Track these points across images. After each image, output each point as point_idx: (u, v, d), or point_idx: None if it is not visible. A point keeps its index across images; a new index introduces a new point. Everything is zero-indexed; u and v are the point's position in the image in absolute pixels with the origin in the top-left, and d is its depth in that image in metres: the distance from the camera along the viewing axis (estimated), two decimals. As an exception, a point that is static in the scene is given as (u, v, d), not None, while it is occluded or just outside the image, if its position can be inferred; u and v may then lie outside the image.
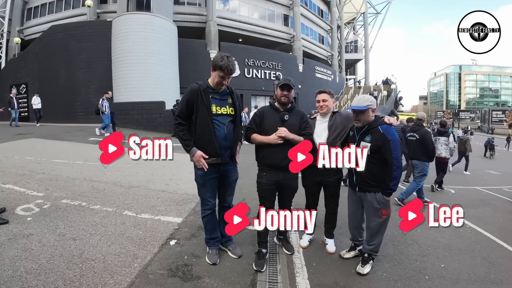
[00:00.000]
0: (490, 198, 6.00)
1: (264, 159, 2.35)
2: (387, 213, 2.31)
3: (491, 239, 3.37)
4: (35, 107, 12.22)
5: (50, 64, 14.97)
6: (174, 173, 5.15)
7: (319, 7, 27.58)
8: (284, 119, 2.32)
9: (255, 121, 2.41)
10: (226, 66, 2.06)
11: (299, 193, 2.57)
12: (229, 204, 2.46)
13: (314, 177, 2.60)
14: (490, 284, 2.36)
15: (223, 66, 2.06)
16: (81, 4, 17.07)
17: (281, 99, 2.35)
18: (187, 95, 2.16)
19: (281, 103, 2.38)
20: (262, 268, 2.25)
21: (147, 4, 13.76)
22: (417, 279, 2.32)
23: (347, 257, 2.56)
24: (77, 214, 3.11)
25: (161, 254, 2.42)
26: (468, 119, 50.14)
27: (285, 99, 2.34)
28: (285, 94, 2.33)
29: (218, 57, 2.11)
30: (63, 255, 2.28)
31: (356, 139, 2.32)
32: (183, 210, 3.41)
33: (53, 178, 4.37)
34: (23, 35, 19.52)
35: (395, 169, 2.15)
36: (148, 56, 12.99)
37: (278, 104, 2.40)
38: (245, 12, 20.47)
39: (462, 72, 71.38)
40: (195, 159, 2.17)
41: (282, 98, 2.34)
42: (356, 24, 39.31)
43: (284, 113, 2.35)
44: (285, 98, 2.34)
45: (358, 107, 2.23)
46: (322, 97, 2.54)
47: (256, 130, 2.38)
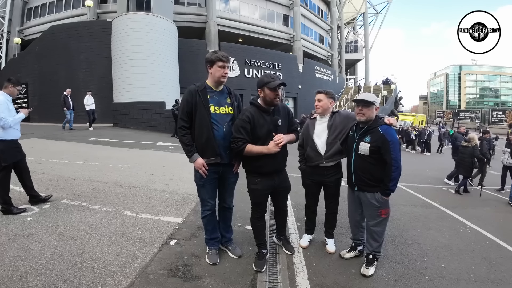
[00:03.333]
0: (490, 198, 6.00)
1: (262, 168, 2.20)
2: (386, 213, 2.32)
3: (491, 239, 3.37)
4: (88, 108, 10.71)
5: (50, 64, 14.97)
6: (174, 173, 5.15)
7: (319, 7, 27.58)
8: (278, 124, 2.19)
9: (245, 128, 2.09)
10: (222, 54, 2.14)
11: (299, 193, 2.57)
12: (228, 205, 2.46)
13: (314, 176, 2.60)
14: (490, 284, 2.36)
15: (219, 56, 2.13)
16: (81, 4, 17.08)
17: (274, 101, 2.14)
18: (186, 96, 2.18)
19: (273, 104, 2.18)
20: (262, 269, 2.25)
21: (147, 4, 13.76)
22: (417, 279, 2.32)
23: (347, 257, 2.56)
24: (77, 214, 3.11)
25: (161, 254, 2.42)
26: (468, 119, 50.12)
27: (277, 100, 2.15)
28: (277, 94, 2.12)
29: (209, 54, 2.20)
30: (63, 255, 2.28)
31: (356, 139, 2.32)
32: (183, 210, 3.41)
33: (53, 178, 4.37)
34: (23, 35, 19.53)
35: (394, 169, 2.15)
36: (148, 56, 12.99)
37: (266, 105, 2.17)
38: (245, 12, 20.47)
39: (462, 72, 71.36)
40: (196, 166, 2.18)
41: (275, 100, 2.14)
42: (356, 24, 39.30)
43: (276, 118, 2.19)
44: (277, 99, 2.15)
45: (364, 99, 2.24)
46: (317, 97, 2.53)
47: (248, 140, 2.11)
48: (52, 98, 14.03)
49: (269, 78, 2.14)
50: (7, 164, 3.05)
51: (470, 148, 6.20)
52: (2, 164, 3.01)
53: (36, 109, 6.92)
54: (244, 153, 2.14)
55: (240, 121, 2.14)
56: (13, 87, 3.12)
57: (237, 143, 2.11)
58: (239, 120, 2.15)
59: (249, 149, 2.11)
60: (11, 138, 3.07)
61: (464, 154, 6.28)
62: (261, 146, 2.12)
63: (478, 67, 69.85)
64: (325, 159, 2.50)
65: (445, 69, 76.40)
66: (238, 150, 2.13)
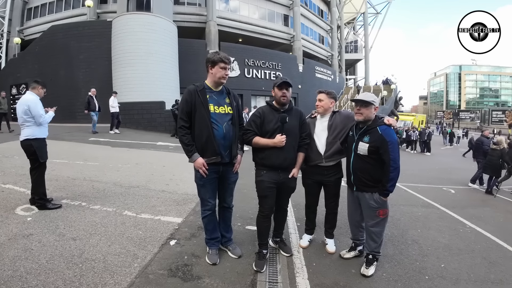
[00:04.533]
0: (490, 198, 6.00)
1: (265, 160, 2.31)
2: (384, 213, 2.31)
3: (491, 239, 3.37)
4: (112, 111, 10.06)
5: (50, 64, 14.96)
6: (174, 173, 5.15)
7: (319, 7, 27.57)
8: (285, 121, 2.28)
9: (255, 122, 2.34)
10: (224, 56, 2.19)
11: (299, 193, 2.57)
12: (229, 204, 2.46)
13: (314, 176, 2.60)
14: (490, 284, 2.36)
15: (222, 57, 2.17)
16: (81, 4, 17.07)
17: (281, 100, 2.31)
18: (185, 96, 2.18)
19: (281, 103, 2.33)
20: (262, 269, 2.25)
21: (147, 4, 13.75)
22: (417, 279, 2.32)
23: (347, 257, 2.56)
24: (77, 214, 3.11)
25: (161, 254, 2.42)
26: (468, 119, 50.14)
27: (284, 98, 2.30)
28: (284, 92, 2.29)
29: (211, 54, 2.22)
30: (63, 255, 2.28)
31: (355, 139, 2.33)
32: (183, 210, 3.41)
33: (53, 178, 4.37)
34: (23, 35, 19.52)
35: (392, 170, 2.15)
36: (148, 56, 12.98)
37: (278, 104, 2.36)
38: (245, 12, 20.46)
39: (462, 72, 71.33)
40: (196, 166, 2.19)
41: (282, 98, 2.30)
42: (356, 24, 39.30)
43: (284, 115, 2.29)
44: (284, 97, 2.30)
45: (363, 99, 2.25)
46: (319, 97, 2.55)
47: (257, 133, 2.32)
48: (52, 98, 14.00)
49: (277, 79, 2.36)
50: (44, 161, 3.24)
51: (498, 150, 6.57)
52: (40, 160, 3.19)
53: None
54: (252, 144, 2.35)
55: (252, 115, 2.42)
56: (42, 89, 3.31)
57: (246, 134, 2.36)
58: (251, 115, 2.46)
59: (256, 140, 2.32)
60: (43, 136, 3.25)
61: (493, 156, 6.65)
62: (268, 139, 2.29)
63: (478, 67, 69.84)
64: (325, 159, 2.50)
65: (445, 69, 76.39)
66: (247, 141, 2.36)
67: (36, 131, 3.16)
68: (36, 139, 3.15)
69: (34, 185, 3.19)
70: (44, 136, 3.27)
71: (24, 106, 3.09)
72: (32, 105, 3.10)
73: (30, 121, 3.12)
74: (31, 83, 3.27)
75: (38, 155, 3.15)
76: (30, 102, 3.10)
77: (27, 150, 3.16)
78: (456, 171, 9.39)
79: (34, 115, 3.11)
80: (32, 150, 3.13)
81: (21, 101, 3.14)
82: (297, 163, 2.43)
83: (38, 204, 3.16)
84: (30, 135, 3.12)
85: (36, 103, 3.14)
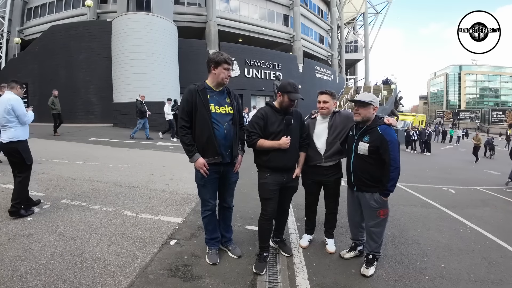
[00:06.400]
0: (490, 198, 6.00)
1: (269, 162, 2.28)
2: (384, 213, 2.31)
3: (491, 239, 3.37)
4: (168, 118, 9.80)
5: (50, 64, 14.97)
6: (174, 173, 5.15)
7: (319, 7, 27.58)
8: (291, 122, 2.29)
9: (258, 124, 2.28)
10: (227, 57, 2.18)
11: (299, 193, 2.57)
12: (229, 204, 2.46)
13: (314, 176, 2.59)
14: (490, 284, 2.36)
15: (226, 58, 2.16)
16: (81, 4, 17.08)
17: (289, 109, 2.29)
18: (185, 96, 2.17)
19: (286, 110, 2.30)
20: (261, 272, 2.23)
21: (147, 4, 13.75)
22: (417, 279, 2.32)
23: (347, 257, 2.56)
24: (77, 214, 3.11)
25: (161, 254, 2.42)
26: (468, 119, 50.13)
27: (291, 108, 2.31)
28: (294, 104, 2.30)
29: (214, 55, 2.19)
30: (63, 255, 2.28)
31: (355, 139, 2.32)
32: (183, 210, 3.41)
33: (53, 178, 4.38)
34: (23, 35, 19.53)
35: (393, 170, 2.15)
36: (148, 56, 12.98)
37: (281, 108, 2.32)
38: (245, 12, 20.47)
39: (462, 72, 71.26)
40: (197, 166, 2.18)
41: (290, 108, 2.29)
42: (356, 24, 39.31)
43: (290, 117, 2.30)
44: (292, 107, 2.31)
45: (360, 99, 2.25)
46: (323, 98, 2.51)
47: (261, 135, 2.28)
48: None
49: (292, 89, 2.26)
50: (30, 163, 3.14)
51: None
52: (27, 163, 3.09)
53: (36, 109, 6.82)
54: (257, 147, 2.28)
55: (254, 117, 2.34)
56: (20, 88, 3.23)
57: (250, 137, 2.28)
58: (254, 117, 2.35)
59: (261, 143, 2.26)
60: (26, 138, 3.16)
61: None
62: (272, 141, 2.25)
63: (478, 67, 69.77)
64: (325, 159, 2.50)
65: (445, 69, 76.33)
66: (252, 143, 2.28)
67: (20, 132, 3.04)
68: (20, 141, 3.02)
69: (19, 189, 2.99)
70: (27, 137, 3.14)
71: (6, 105, 2.95)
72: (15, 104, 2.98)
73: (14, 121, 2.99)
74: (10, 83, 3.16)
75: (24, 157, 3.02)
76: (13, 101, 2.98)
77: (11, 154, 3.01)
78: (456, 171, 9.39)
79: (18, 115, 2.99)
80: (18, 153, 2.99)
81: (2, 101, 2.99)
82: (299, 163, 2.44)
83: (14, 209, 2.91)
84: (14, 137, 2.98)
85: (19, 102, 3.03)
